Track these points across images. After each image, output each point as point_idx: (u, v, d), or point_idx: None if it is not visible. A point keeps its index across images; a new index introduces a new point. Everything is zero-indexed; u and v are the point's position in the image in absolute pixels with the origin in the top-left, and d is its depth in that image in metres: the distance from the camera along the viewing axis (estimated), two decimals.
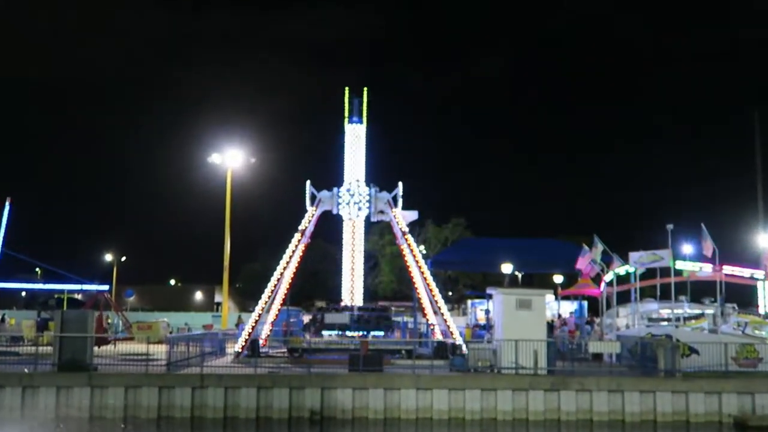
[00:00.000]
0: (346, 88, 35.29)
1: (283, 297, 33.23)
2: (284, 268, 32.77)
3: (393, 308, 44.96)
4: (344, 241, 35.11)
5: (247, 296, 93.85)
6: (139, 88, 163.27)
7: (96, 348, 28.83)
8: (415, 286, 33.43)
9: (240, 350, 31.20)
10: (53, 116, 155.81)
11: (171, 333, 41.86)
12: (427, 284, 32.70)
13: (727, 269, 31.54)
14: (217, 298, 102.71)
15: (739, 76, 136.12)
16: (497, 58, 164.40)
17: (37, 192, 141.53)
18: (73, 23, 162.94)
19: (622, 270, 33.92)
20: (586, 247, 36.47)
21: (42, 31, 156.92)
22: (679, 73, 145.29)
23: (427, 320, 33.73)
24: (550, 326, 35.93)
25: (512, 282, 52.52)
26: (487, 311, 39.04)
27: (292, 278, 33.22)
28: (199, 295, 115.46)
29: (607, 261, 35.45)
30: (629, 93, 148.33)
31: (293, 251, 32.85)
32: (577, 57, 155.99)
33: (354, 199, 33.66)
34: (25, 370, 25.80)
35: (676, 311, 32.39)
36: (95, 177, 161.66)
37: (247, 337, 31.47)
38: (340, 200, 33.47)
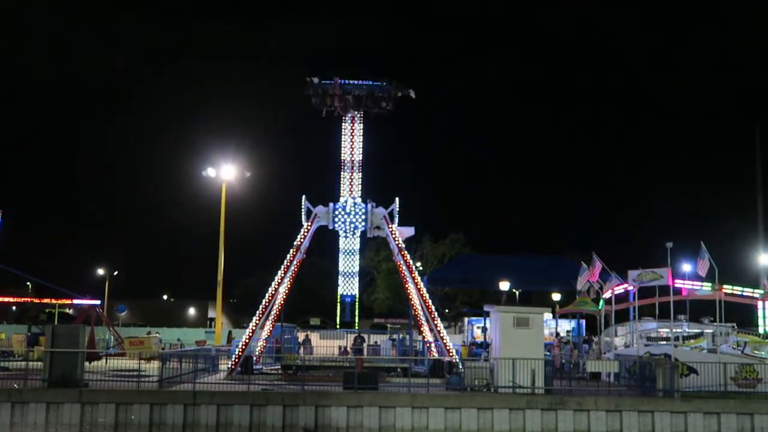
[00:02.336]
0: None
1: (277, 313, 32.92)
2: (279, 284, 32.46)
3: (389, 325, 44.73)
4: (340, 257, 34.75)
5: (241, 312, 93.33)
6: (130, 97, 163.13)
7: (87, 363, 28.45)
8: (412, 303, 33.14)
9: (233, 367, 30.83)
10: (41, 125, 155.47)
11: (163, 349, 41.46)
12: (424, 301, 32.41)
13: (727, 288, 31.34)
14: (211, 314, 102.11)
15: (740, 89, 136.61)
16: (497, 70, 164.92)
17: (27, 205, 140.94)
18: (64, 26, 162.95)
19: (620, 288, 33.67)
20: (584, 266, 36.26)
21: (32, 34, 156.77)
22: (679, 86, 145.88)
23: (424, 338, 33.41)
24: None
25: (510, 300, 52.26)
26: (484, 329, 38.76)
27: (286, 294, 32.90)
28: (192, 311, 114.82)
29: (605, 279, 35.21)
30: (628, 106, 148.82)
31: (288, 267, 32.55)
32: (578, 70, 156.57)
33: (350, 214, 33.32)
34: (15, 386, 25.47)
35: (675, 330, 32.14)
36: (86, 189, 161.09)
37: (240, 354, 31.11)
38: (336, 216, 33.16)
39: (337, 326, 34.09)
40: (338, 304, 33.20)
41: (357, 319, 33.98)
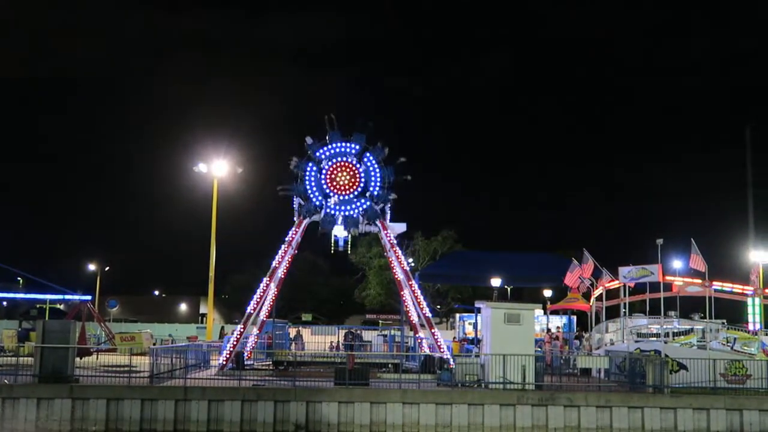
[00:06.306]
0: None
1: (269, 309, 32.88)
2: (270, 280, 32.41)
3: (380, 321, 44.72)
4: None
5: (233, 307, 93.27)
6: (122, 93, 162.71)
7: (78, 359, 28.39)
8: (403, 299, 33.12)
9: (224, 362, 30.81)
10: (34, 121, 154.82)
11: (154, 344, 41.38)
12: (415, 297, 32.39)
13: (717, 285, 31.46)
14: (203, 309, 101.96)
15: (732, 90, 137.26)
16: (492, 66, 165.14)
17: (18, 200, 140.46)
18: (55, 23, 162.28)
19: (611, 285, 33.79)
20: (575, 262, 36.37)
21: (23, 31, 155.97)
22: (672, 86, 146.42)
23: (415, 334, 33.43)
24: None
25: (501, 296, 52.34)
26: (475, 325, 38.76)
27: (278, 290, 32.86)
28: (184, 307, 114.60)
29: (596, 275, 35.33)
30: (620, 106, 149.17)
31: (279, 262, 32.50)
32: (572, 69, 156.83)
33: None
34: (5, 381, 25.38)
35: (665, 327, 32.27)
36: (78, 186, 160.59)
37: (231, 350, 31.08)
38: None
39: (332, 252, 33.20)
40: (332, 241, 32.61)
41: (349, 248, 33.25)
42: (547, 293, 54.82)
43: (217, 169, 46.53)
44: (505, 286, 55.21)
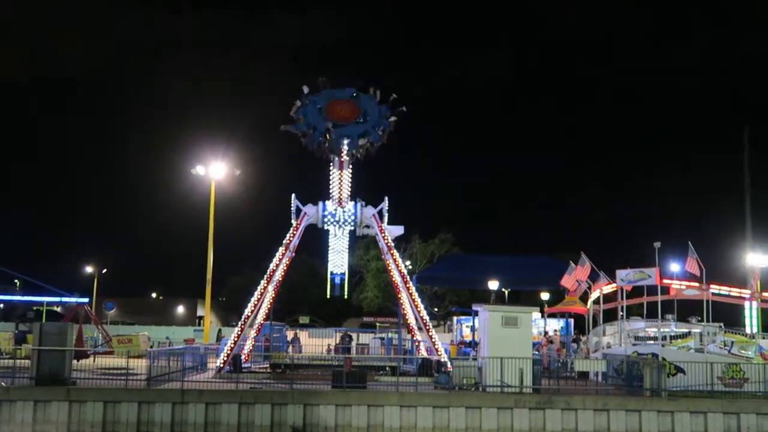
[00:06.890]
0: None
1: (267, 312, 32.87)
2: (268, 282, 32.39)
3: (378, 324, 44.68)
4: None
5: (230, 310, 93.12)
6: (122, 93, 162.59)
7: (75, 362, 28.32)
8: (401, 302, 33.11)
9: (222, 365, 30.79)
10: (34, 121, 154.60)
11: (152, 347, 41.37)
12: (413, 300, 32.39)
13: (714, 288, 31.46)
14: (200, 312, 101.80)
15: (732, 90, 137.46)
16: (492, 66, 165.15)
17: (15, 202, 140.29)
18: (55, 23, 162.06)
19: (608, 288, 33.78)
20: (573, 265, 36.36)
21: (23, 31, 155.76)
22: (672, 86, 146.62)
23: (413, 337, 33.41)
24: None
25: (499, 299, 52.35)
26: (472, 328, 38.75)
27: (275, 293, 32.84)
28: (181, 309, 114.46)
29: (593, 278, 35.32)
30: (620, 106, 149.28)
31: (277, 265, 32.49)
32: (572, 69, 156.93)
33: (339, 213, 33.00)
34: (2, 384, 25.30)
35: (662, 330, 32.26)
36: (75, 188, 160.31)
37: (229, 352, 31.06)
38: (325, 214, 32.98)
39: (328, 295, 34.23)
40: (327, 280, 33.10)
41: (347, 292, 33.99)
42: (545, 296, 54.84)
43: (215, 171, 46.52)
44: (503, 289, 55.22)
